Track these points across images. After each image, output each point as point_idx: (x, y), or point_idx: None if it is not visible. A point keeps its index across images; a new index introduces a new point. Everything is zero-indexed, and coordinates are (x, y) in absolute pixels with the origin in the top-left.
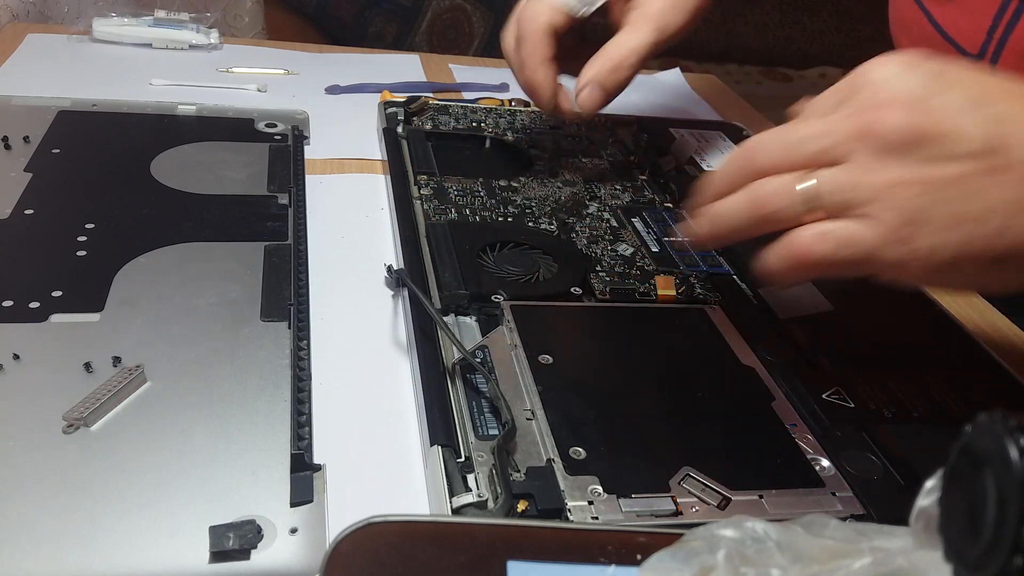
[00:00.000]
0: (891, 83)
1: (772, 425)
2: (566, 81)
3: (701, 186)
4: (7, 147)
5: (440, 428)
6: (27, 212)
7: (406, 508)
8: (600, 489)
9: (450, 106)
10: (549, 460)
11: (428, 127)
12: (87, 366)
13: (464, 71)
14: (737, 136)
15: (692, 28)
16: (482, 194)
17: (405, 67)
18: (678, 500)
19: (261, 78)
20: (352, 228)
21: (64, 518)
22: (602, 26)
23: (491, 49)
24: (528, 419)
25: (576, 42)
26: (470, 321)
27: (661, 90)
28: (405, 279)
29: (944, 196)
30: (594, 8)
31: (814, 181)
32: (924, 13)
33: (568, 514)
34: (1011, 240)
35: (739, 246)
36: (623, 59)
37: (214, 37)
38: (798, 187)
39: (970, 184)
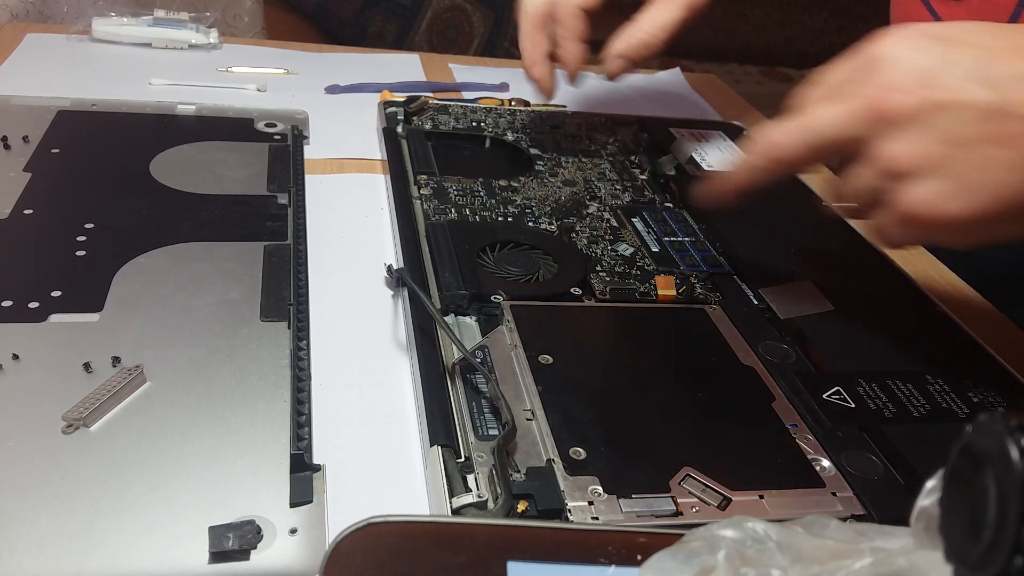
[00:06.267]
0: (899, 63)
1: (772, 425)
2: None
3: (718, 182)
4: (6, 147)
5: (440, 428)
6: (26, 212)
7: (406, 508)
8: (600, 489)
9: (450, 106)
10: (549, 460)
11: (428, 127)
12: (86, 366)
13: (464, 71)
14: (737, 136)
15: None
16: (482, 194)
17: (405, 67)
18: (678, 500)
19: (261, 78)
20: (352, 228)
21: (64, 518)
22: None
23: (491, 49)
24: (528, 419)
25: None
26: (470, 321)
27: (661, 90)
28: (405, 279)
29: (965, 157)
30: None
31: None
32: (932, 13)
33: (568, 514)
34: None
35: (739, 246)
36: (653, 37)
37: (213, 37)
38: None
39: (983, 149)
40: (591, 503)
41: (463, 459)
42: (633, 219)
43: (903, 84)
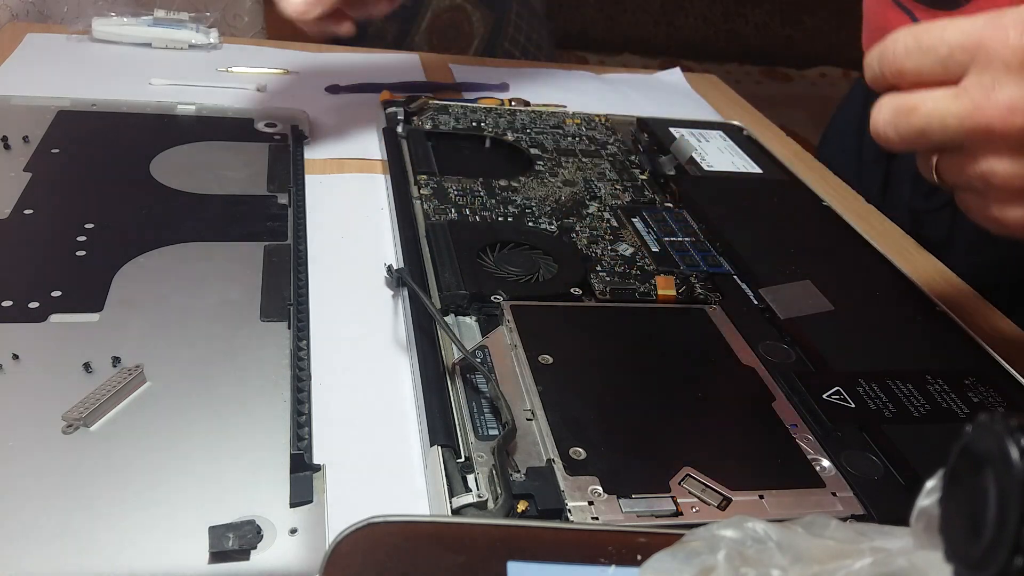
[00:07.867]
0: (1006, 78)
1: (772, 425)
2: None
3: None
4: (6, 147)
5: (440, 428)
6: (26, 212)
7: (406, 508)
8: (600, 489)
9: (450, 106)
10: (549, 460)
11: (428, 127)
12: (86, 366)
13: (464, 71)
14: (737, 136)
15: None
16: (482, 194)
17: (405, 67)
18: (678, 500)
19: (261, 77)
20: (352, 228)
21: (64, 518)
22: None
23: (491, 49)
24: (528, 419)
25: None
26: (470, 321)
27: (661, 90)
28: (406, 278)
29: None
30: None
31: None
32: (915, 23)
33: (568, 514)
34: None
35: (739, 246)
36: None
37: (213, 37)
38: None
39: None
40: (591, 503)
41: (463, 459)
42: (633, 219)
43: (1014, 104)
